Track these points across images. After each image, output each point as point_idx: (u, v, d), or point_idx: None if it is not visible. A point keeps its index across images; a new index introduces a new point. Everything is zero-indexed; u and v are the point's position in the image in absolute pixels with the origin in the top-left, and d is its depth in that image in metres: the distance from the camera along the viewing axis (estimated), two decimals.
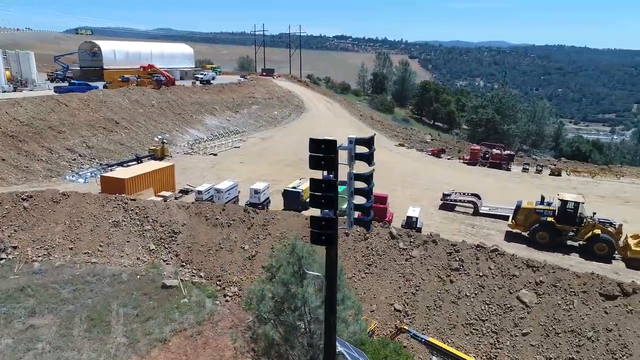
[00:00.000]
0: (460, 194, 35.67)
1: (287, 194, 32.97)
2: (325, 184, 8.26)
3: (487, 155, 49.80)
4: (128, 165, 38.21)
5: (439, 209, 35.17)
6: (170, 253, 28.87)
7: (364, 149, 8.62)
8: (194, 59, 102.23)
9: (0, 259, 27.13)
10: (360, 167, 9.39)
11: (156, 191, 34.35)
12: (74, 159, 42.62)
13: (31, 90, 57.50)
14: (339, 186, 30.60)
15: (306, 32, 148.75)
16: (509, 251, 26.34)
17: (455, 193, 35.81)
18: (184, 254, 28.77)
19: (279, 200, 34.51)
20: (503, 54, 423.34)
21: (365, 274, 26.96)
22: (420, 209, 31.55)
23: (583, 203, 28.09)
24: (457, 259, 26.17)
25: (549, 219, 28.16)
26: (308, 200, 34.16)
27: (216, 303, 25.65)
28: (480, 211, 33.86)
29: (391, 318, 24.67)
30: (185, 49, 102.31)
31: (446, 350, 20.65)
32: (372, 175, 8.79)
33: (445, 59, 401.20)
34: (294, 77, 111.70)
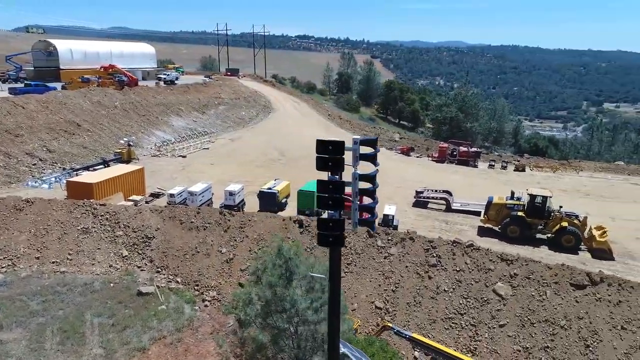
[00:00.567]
0: (432, 191, 36.43)
1: (263, 195, 32.69)
2: (333, 185, 8.20)
3: (455, 153, 51.12)
4: (95, 169, 36.79)
5: (413, 207, 35.79)
6: (144, 259, 28.01)
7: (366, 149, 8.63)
8: (155, 59, 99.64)
9: None
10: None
11: (126, 195, 33.26)
12: (35, 164, 40.63)
13: None
14: (314, 184, 30.50)
15: (270, 32, 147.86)
16: (482, 246, 27.15)
17: (428, 190, 36.53)
18: (159, 260, 27.99)
19: (253, 202, 34.18)
20: (461, 54, 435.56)
21: (345, 273, 27.02)
22: (396, 207, 31.98)
23: (551, 197, 29.31)
24: (435, 255, 26.71)
25: (519, 214, 29.21)
26: (284, 201, 34.20)
27: (195, 308, 25.11)
28: (452, 207, 34.69)
29: (372, 316, 24.90)
30: (146, 48, 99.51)
31: (429, 345, 21.01)
32: (376, 176, 8.81)
33: (406, 59, 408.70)
34: (259, 77, 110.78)
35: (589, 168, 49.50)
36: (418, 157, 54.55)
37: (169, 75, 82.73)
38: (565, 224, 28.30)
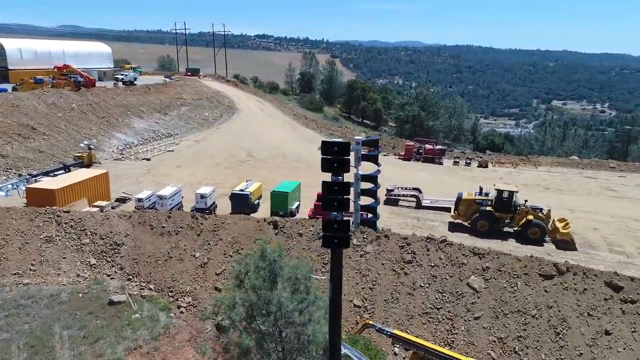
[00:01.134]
0: (402, 188, 37.03)
1: (235, 197, 32.22)
2: (338, 186, 8.19)
3: (421, 151, 52.22)
4: (55, 175, 35.07)
5: (384, 204, 36.19)
6: (114, 267, 26.98)
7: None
8: (112, 59, 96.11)
9: None
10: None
11: (90, 201, 31.94)
12: None
13: None
14: (289, 186, 30.41)
15: (230, 31, 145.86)
16: (454, 241, 27.86)
17: (398, 188, 37.11)
18: (130, 267, 27.04)
19: (225, 204, 33.65)
20: (418, 54, 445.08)
21: (322, 272, 27.07)
22: None
23: (517, 192, 30.47)
24: (409, 251, 27.16)
25: (488, 209, 30.19)
26: (257, 202, 33.84)
27: (171, 315, 24.43)
28: (423, 204, 35.41)
29: (351, 314, 25.03)
30: (102, 47, 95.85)
31: (410, 340, 21.36)
32: (377, 177, 8.86)
33: (366, 58, 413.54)
34: (221, 77, 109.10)
35: (546, 163, 51.83)
36: (385, 156, 55.26)
37: (127, 75, 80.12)
38: (530, 217, 29.49)
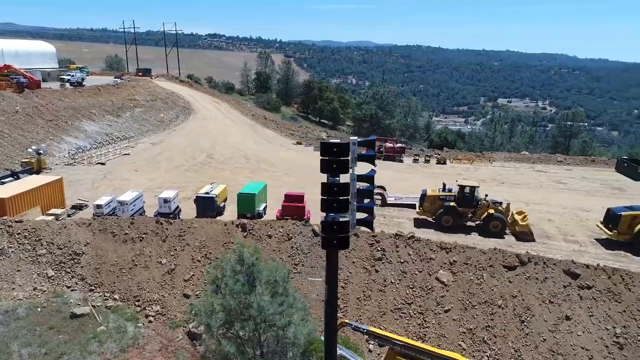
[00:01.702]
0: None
1: (200, 201, 31.42)
2: (337, 187, 8.16)
3: (382, 149, 53.06)
4: (2, 183, 32.82)
5: None
6: (74, 278, 25.64)
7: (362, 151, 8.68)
8: (56, 58, 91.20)
9: None
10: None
11: (44, 209, 30.17)
12: None
13: None
14: (255, 187, 30.04)
15: (182, 30, 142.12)
16: (421, 237, 28.53)
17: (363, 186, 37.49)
18: (92, 277, 25.79)
19: (189, 208, 32.79)
20: (370, 53, 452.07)
21: (293, 273, 26.92)
22: None
23: (478, 187, 31.59)
24: (379, 249, 27.58)
25: (452, 204, 31.11)
26: (222, 205, 33.17)
27: (139, 326, 23.53)
28: (388, 202, 35.99)
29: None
30: (44, 46, 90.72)
31: (386, 337, 21.65)
32: (373, 177, 8.91)
33: (319, 58, 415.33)
34: (174, 77, 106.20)
35: (500, 158, 54.14)
36: None
37: (73, 76, 76.29)
38: (491, 211, 30.65)
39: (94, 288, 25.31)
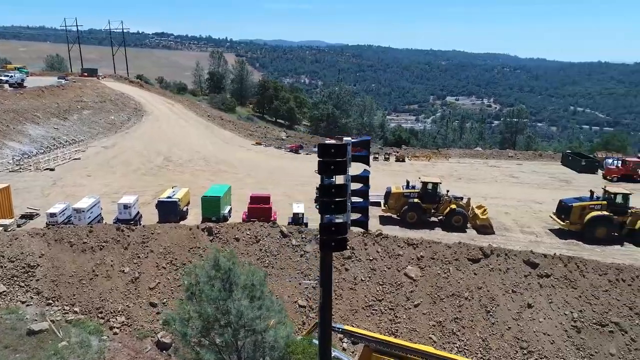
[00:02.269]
0: None
1: (162, 205, 30.41)
2: (335, 188, 8.11)
3: None
4: None
5: (316, 202, 36.53)
6: (29, 292, 24.06)
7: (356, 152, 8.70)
8: None
9: None
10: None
11: None
12: None
13: None
14: (220, 190, 29.51)
15: (129, 29, 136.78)
16: (388, 234, 29.00)
17: None
18: (49, 290, 24.31)
19: (149, 213, 31.66)
20: (322, 53, 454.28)
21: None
22: (304, 204, 32.40)
23: (440, 183, 32.52)
24: (348, 247, 27.75)
25: (415, 200, 31.84)
26: (185, 209, 32.22)
27: (103, 339, 22.46)
28: None
29: (297, 315, 24.98)
30: None
31: (361, 334, 21.84)
32: (368, 177, 8.93)
33: (271, 57, 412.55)
34: (122, 78, 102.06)
35: (455, 155, 56.02)
36: (307, 155, 55.83)
37: (12, 77, 71.65)
38: (453, 206, 31.65)
39: (51, 302, 23.87)
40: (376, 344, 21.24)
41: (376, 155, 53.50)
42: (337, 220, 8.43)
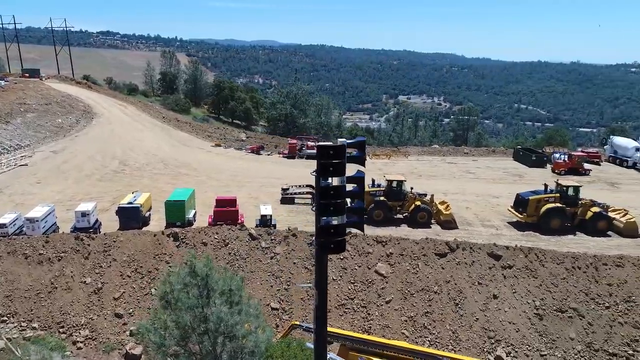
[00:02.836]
0: (296, 186, 37.50)
1: (124, 211, 29.20)
2: (333, 190, 8.04)
3: (303, 148, 53.38)
4: None
5: (281, 204, 36.32)
6: None
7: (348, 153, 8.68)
8: None
9: None
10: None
11: None
12: None
13: None
14: (183, 194, 28.80)
15: (73, 27, 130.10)
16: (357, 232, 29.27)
17: (292, 186, 37.48)
18: (3, 306, 22.79)
19: (109, 221, 30.31)
20: (276, 52, 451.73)
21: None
22: (271, 205, 32.08)
23: (405, 181, 33.15)
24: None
25: (381, 198, 32.30)
26: (147, 214, 31.06)
27: (66, 354, 21.29)
28: None
29: (271, 318, 24.70)
30: None
31: (335, 333, 21.91)
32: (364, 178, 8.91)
33: (223, 57, 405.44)
34: (68, 78, 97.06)
35: (414, 153, 57.34)
36: (269, 155, 55.34)
37: None
38: (418, 203, 32.38)
39: (7, 318, 22.41)
40: (352, 342, 21.45)
41: None
42: (335, 222, 8.34)
